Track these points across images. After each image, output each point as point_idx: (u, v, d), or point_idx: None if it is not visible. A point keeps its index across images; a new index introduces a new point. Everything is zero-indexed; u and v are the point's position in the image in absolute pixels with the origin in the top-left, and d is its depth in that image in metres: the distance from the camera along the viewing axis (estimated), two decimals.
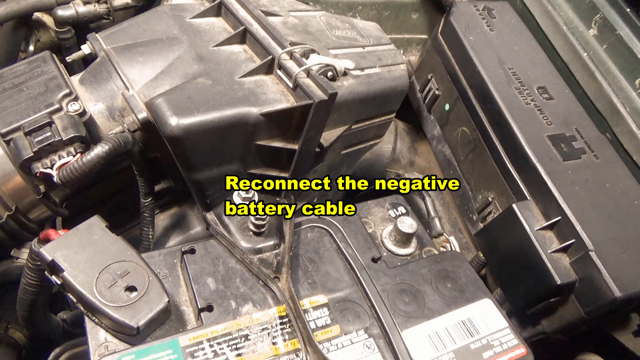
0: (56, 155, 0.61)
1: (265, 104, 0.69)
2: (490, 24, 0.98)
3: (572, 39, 0.94)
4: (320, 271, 0.67)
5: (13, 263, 0.96)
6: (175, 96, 0.66)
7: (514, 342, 0.64)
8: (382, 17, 1.14)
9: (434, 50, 1.00)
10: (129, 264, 0.58)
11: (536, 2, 1.01)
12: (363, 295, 0.65)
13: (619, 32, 0.89)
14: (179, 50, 0.73)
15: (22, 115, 0.62)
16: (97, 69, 0.71)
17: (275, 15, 0.83)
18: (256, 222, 0.67)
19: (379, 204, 0.77)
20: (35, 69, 0.67)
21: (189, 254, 0.65)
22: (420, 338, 0.62)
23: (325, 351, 0.59)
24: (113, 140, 0.60)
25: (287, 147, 0.73)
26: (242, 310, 0.61)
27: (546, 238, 0.74)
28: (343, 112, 0.80)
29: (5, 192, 0.65)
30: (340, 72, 0.77)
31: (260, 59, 0.74)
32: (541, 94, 0.88)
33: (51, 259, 0.56)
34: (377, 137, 0.97)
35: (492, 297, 0.68)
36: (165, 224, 0.84)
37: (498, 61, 0.91)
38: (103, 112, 0.69)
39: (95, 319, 0.57)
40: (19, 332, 0.93)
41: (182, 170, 0.70)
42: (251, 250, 0.67)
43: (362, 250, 0.69)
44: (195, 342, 0.57)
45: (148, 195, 0.71)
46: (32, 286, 0.65)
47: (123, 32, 0.74)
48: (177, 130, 0.63)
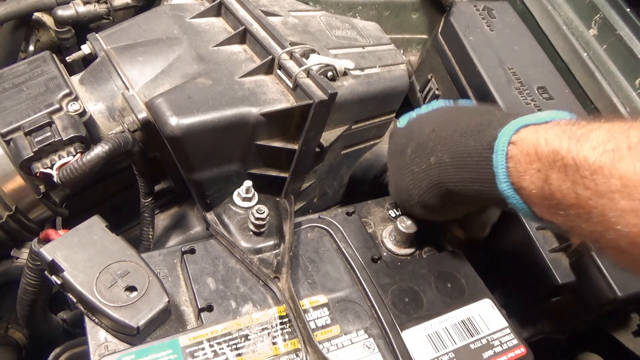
0: (56, 155, 0.61)
1: (265, 104, 0.69)
2: (490, 24, 0.98)
3: (572, 39, 0.94)
4: (320, 271, 0.67)
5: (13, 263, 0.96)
6: (175, 96, 0.66)
7: (514, 342, 0.64)
8: (382, 17, 1.14)
9: (434, 50, 1.01)
10: (129, 264, 0.58)
11: (536, 2, 1.01)
12: (363, 295, 0.65)
13: (619, 32, 0.89)
14: (179, 50, 0.73)
15: (22, 115, 0.62)
16: (97, 69, 0.71)
17: (275, 15, 0.84)
18: (256, 222, 0.67)
19: (379, 204, 0.77)
20: (35, 69, 0.67)
21: (189, 254, 0.65)
22: (420, 338, 0.62)
23: (325, 351, 0.59)
24: (113, 140, 0.60)
25: (287, 147, 0.73)
26: (242, 310, 0.61)
27: (546, 238, 0.74)
28: (343, 112, 0.80)
29: (5, 192, 0.65)
30: (340, 72, 0.77)
31: (260, 59, 0.75)
32: (541, 94, 0.88)
33: (51, 259, 0.56)
34: (377, 137, 0.97)
35: (492, 297, 0.68)
36: (165, 224, 0.84)
37: (498, 61, 0.91)
38: (103, 112, 0.69)
39: (95, 319, 0.57)
40: (19, 332, 0.93)
41: (182, 170, 0.70)
42: (251, 250, 0.67)
43: (362, 250, 0.69)
44: (195, 342, 0.57)
45: (148, 195, 0.71)
46: (32, 286, 0.65)
47: (123, 32, 0.74)
48: (177, 130, 0.63)
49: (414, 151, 0.65)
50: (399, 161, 0.68)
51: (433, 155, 0.62)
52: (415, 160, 0.65)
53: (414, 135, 0.67)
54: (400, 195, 0.70)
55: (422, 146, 0.64)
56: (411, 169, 0.65)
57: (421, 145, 0.64)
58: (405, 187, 0.67)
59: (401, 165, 0.67)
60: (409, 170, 0.66)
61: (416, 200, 0.67)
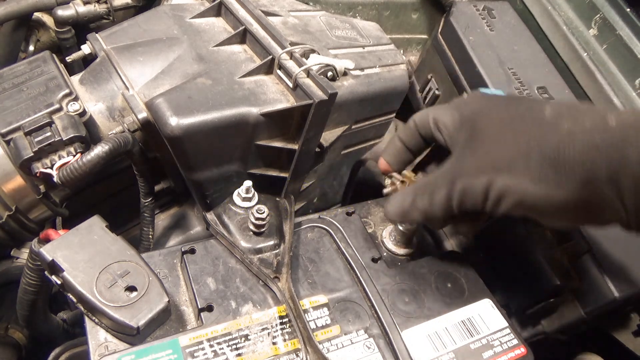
0: (56, 155, 0.61)
1: (265, 104, 0.69)
2: (490, 24, 0.98)
3: (572, 39, 0.94)
4: (320, 271, 0.67)
5: (13, 263, 0.96)
6: (175, 96, 0.66)
7: (514, 342, 0.64)
8: (382, 17, 1.14)
9: (434, 50, 1.01)
10: (129, 264, 0.58)
11: (536, 2, 1.01)
12: (363, 295, 0.65)
13: (619, 32, 0.89)
14: (179, 50, 0.73)
15: (22, 115, 0.62)
16: (97, 69, 0.71)
17: (275, 15, 0.84)
18: (256, 222, 0.67)
19: (379, 204, 0.77)
20: (35, 69, 0.67)
21: (189, 254, 0.65)
22: (420, 338, 0.62)
23: (325, 351, 0.59)
24: (113, 140, 0.60)
25: (287, 147, 0.73)
26: (242, 310, 0.61)
27: (546, 238, 0.74)
28: (343, 112, 0.80)
29: (5, 192, 0.65)
30: (340, 72, 0.77)
31: (260, 59, 0.75)
32: (541, 94, 0.88)
33: (51, 259, 0.56)
34: (377, 137, 0.97)
35: (492, 297, 0.68)
36: (165, 224, 0.84)
37: (498, 61, 0.91)
38: (103, 112, 0.69)
39: (95, 319, 0.57)
40: (19, 332, 0.93)
41: (182, 170, 0.70)
42: (251, 250, 0.67)
43: (362, 250, 0.69)
44: (195, 342, 0.57)
45: (148, 195, 0.71)
46: (32, 286, 0.65)
47: (123, 32, 0.74)
48: (177, 130, 0.63)
49: (564, 109, 0.51)
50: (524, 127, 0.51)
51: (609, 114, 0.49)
52: (569, 118, 0.50)
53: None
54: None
55: (580, 107, 0.51)
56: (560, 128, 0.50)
57: (577, 106, 0.52)
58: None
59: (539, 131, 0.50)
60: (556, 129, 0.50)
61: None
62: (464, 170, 0.54)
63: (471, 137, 0.55)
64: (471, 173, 0.53)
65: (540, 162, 0.49)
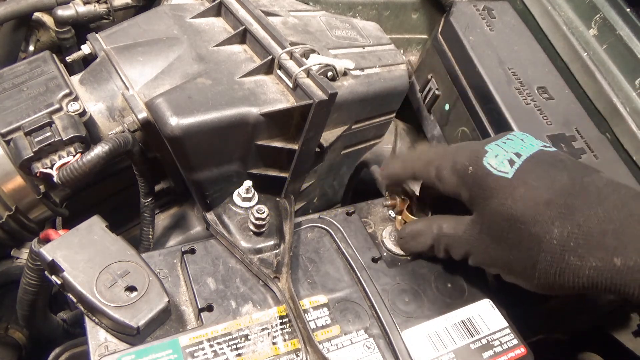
0: (56, 155, 0.61)
1: (265, 104, 0.69)
2: (490, 24, 0.98)
3: (572, 39, 0.94)
4: (320, 271, 0.67)
5: (13, 263, 0.96)
6: (175, 96, 0.66)
7: (514, 342, 0.64)
8: (382, 17, 1.14)
9: (434, 50, 1.00)
10: (129, 264, 0.58)
11: (536, 2, 1.01)
12: (363, 295, 0.65)
13: (619, 32, 0.89)
14: (179, 50, 0.73)
15: (22, 115, 0.62)
16: (97, 69, 0.71)
17: (275, 15, 0.84)
18: (256, 222, 0.67)
19: (379, 204, 0.77)
20: (35, 69, 0.67)
21: (189, 254, 0.65)
22: (420, 338, 0.62)
23: (325, 351, 0.59)
24: (113, 140, 0.60)
25: (287, 147, 0.73)
26: (242, 310, 0.61)
27: None
28: (343, 112, 0.80)
29: (5, 192, 0.65)
30: (340, 72, 0.77)
31: (260, 59, 0.75)
32: (541, 94, 0.88)
33: (51, 259, 0.56)
34: (377, 137, 0.97)
35: (492, 297, 0.68)
36: (165, 224, 0.84)
37: (498, 61, 0.91)
38: (103, 112, 0.69)
39: (95, 319, 0.57)
40: (19, 332, 0.93)
41: (182, 170, 0.70)
42: (251, 250, 0.67)
43: (362, 250, 0.69)
44: (195, 342, 0.57)
45: (148, 195, 0.71)
46: (32, 286, 0.65)
47: (123, 32, 0.74)
48: (177, 130, 0.63)
49: (574, 236, 0.50)
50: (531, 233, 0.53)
51: (618, 254, 0.47)
52: (577, 249, 0.50)
53: (572, 208, 0.51)
54: (513, 269, 0.58)
55: (593, 235, 0.49)
56: (565, 259, 0.51)
57: (591, 233, 0.49)
58: (539, 268, 0.53)
59: (538, 242, 0.52)
60: (560, 258, 0.51)
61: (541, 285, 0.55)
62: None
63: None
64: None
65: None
